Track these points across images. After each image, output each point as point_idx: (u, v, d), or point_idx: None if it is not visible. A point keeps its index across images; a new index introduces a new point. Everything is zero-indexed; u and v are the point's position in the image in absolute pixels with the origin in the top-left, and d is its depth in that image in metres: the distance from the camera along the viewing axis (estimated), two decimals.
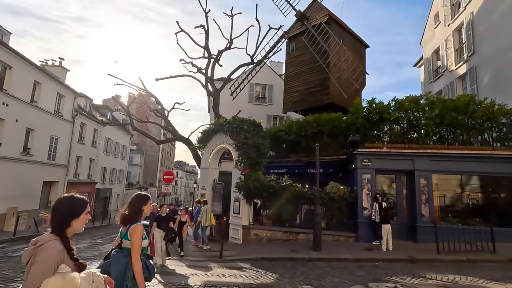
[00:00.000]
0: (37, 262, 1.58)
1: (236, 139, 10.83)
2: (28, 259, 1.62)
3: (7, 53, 14.00)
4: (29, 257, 1.62)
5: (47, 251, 1.62)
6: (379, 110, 10.62)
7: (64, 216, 1.79)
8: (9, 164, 14.57)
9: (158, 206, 9.09)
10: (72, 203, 1.86)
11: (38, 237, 1.71)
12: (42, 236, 1.71)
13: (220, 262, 8.01)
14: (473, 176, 10.06)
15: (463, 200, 10.16)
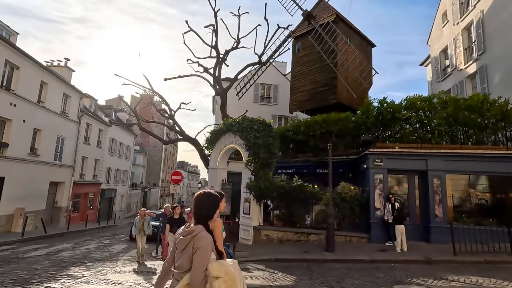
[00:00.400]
0: (200, 249, 1.83)
1: (246, 139, 10.75)
2: (184, 247, 1.90)
3: (15, 53, 13.98)
4: (185, 244, 1.89)
5: (205, 239, 1.87)
6: (391, 109, 10.51)
7: (209, 211, 2.06)
8: (17, 164, 14.54)
9: (170, 207, 8.92)
10: (210, 199, 2.10)
11: (189, 228, 1.97)
12: (194, 227, 1.95)
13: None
14: (487, 176, 9.95)
15: (475, 200, 10.06)
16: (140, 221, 8.30)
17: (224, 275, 1.82)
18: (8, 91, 13.79)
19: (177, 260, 1.94)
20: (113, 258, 8.82)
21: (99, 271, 6.81)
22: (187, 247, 1.89)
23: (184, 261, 1.88)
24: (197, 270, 1.81)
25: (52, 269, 6.89)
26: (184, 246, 1.91)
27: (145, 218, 8.42)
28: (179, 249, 1.95)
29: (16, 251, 9.47)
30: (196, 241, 1.86)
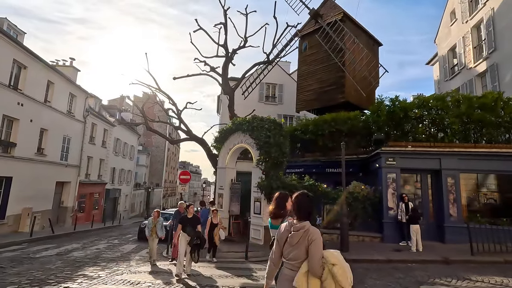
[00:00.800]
0: (315, 240, 2.17)
1: (257, 138, 10.65)
2: (297, 240, 2.20)
3: (22, 53, 13.93)
4: (299, 238, 2.20)
5: (317, 232, 2.23)
6: (403, 108, 10.41)
7: (310, 208, 2.40)
8: (24, 164, 14.50)
9: (184, 205, 8.50)
10: (308, 198, 2.45)
11: (298, 224, 2.27)
12: (303, 223, 2.26)
13: (247, 263, 7.84)
14: (500, 175, 9.84)
15: (484, 200, 9.96)
16: (153, 223, 7.93)
17: (338, 262, 2.15)
18: (15, 90, 13.74)
19: (289, 252, 2.24)
20: (125, 258, 8.74)
21: (114, 271, 6.73)
22: (300, 240, 2.20)
23: (300, 252, 2.19)
24: (315, 258, 2.13)
25: (67, 269, 6.81)
26: (297, 240, 2.21)
27: (158, 220, 8.03)
28: (292, 242, 2.23)
29: (27, 251, 9.40)
30: (309, 235, 2.19)
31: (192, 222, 6.67)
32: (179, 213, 8.35)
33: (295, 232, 2.24)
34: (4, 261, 7.66)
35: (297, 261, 2.19)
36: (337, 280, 2.10)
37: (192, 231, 6.42)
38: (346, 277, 2.13)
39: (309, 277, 2.13)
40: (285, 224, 2.40)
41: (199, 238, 6.48)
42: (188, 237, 6.42)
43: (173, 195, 67.53)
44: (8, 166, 13.45)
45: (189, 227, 6.46)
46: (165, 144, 54.58)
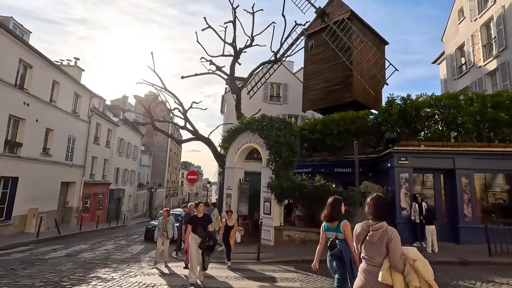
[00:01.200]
0: (394, 239, 2.40)
1: (267, 137, 10.52)
2: (377, 239, 2.44)
3: (28, 52, 13.83)
4: (378, 237, 2.44)
5: (395, 231, 2.48)
6: (416, 106, 10.26)
7: (386, 209, 2.66)
8: (30, 164, 14.40)
9: (194, 205, 7.94)
10: (384, 200, 2.77)
11: (377, 224, 2.52)
12: (381, 223, 2.52)
13: (260, 265, 7.71)
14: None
15: (497, 199, 9.80)
16: (163, 222, 7.65)
17: (419, 257, 2.37)
18: (21, 90, 13.64)
19: (369, 250, 2.48)
20: (135, 259, 8.62)
21: (127, 273, 6.61)
22: (380, 238, 2.44)
23: (380, 249, 2.42)
24: (396, 255, 2.35)
25: (79, 271, 6.70)
26: (377, 238, 2.44)
27: (169, 219, 7.75)
28: (372, 241, 2.47)
29: (35, 252, 9.29)
30: (388, 233, 2.43)
31: (203, 222, 6.02)
32: (189, 214, 7.90)
33: (374, 231, 2.48)
34: (14, 262, 7.55)
35: (378, 258, 2.42)
36: (420, 274, 2.31)
37: (203, 231, 5.85)
38: (428, 270, 2.34)
39: (392, 272, 2.34)
40: (361, 224, 2.67)
41: (211, 239, 5.89)
42: (199, 239, 5.79)
43: (175, 195, 67.49)
44: (14, 166, 13.36)
45: (200, 228, 5.87)
46: (167, 144, 54.52)
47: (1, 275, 6.16)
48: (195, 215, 6.14)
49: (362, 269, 2.54)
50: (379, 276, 2.35)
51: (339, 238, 3.31)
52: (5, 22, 12.96)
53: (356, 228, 2.70)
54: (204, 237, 5.77)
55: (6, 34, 12.25)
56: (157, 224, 7.77)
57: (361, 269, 2.57)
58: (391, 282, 2.31)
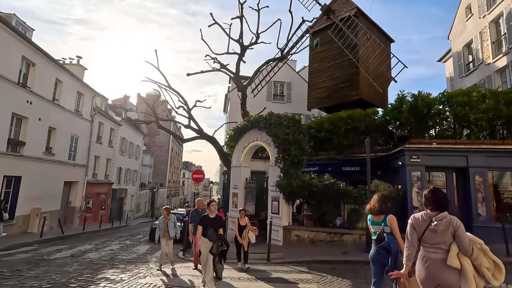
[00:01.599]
0: (460, 226, 2.62)
1: (275, 135, 10.31)
2: (442, 228, 2.61)
3: (31, 50, 13.65)
4: (443, 226, 2.61)
5: (458, 219, 2.66)
6: (427, 103, 10.05)
7: (446, 200, 2.82)
8: (33, 163, 14.21)
9: (204, 202, 7.28)
10: (442, 192, 2.96)
11: (439, 215, 2.67)
12: (443, 214, 2.68)
13: (270, 265, 7.51)
14: None
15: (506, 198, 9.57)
16: (164, 222, 7.05)
17: (482, 241, 2.64)
18: (24, 88, 13.45)
19: (433, 238, 2.67)
20: (142, 260, 8.42)
21: (135, 274, 6.42)
22: (444, 228, 2.62)
23: (446, 237, 2.62)
24: (465, 240, 2.57)
25: (86, 272, 6.50)
26: (442, 227, 2.63)
27: (170, 218, 7.15)
28: (436, 230, 2.64)
29: (40, 253, 9.10)
30: (454, 222, 2.63)
31: (215, 223, 5.17)
32: (196, 212, 7.23)
33: (439, 221, 2.65)
34: (19, 263, 7.36)
35: (443, 245, 2.62)
36: (488, 254, 2.57)
37: (214, 235, 5.04)
38: None
39: (460, 256, 2.54)
40: (419, 215, 2.85)
41: (224, 243, 5.04)
42: (209, 243, 4.98)
43: (176, 195, 67.32)
44: (17, 165, 13.17)
45: (210, 230, 5.06)
46: (168, 144, 54.38)
47: (7, 276, 5.96)
48: (206, 216, 5.33)
49: (422, 256, 2.74)
50: (448, 260, 2.53)
51: (386, 231, 3.60)
52: (8, 19, 12.77)
53: (413, 219, 2.87)
54: (215, 241, 4.98)
55: (9, 31, 12.07)
56: (158, 224, 7.21)
57: (421, 257, 2.75)
58: (459, 266, 2.51)
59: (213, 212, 5.32)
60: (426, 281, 2.66)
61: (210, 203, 5.45)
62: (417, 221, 2.84)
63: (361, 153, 13.13)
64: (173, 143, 59.45)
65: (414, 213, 8.20)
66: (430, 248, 2.68)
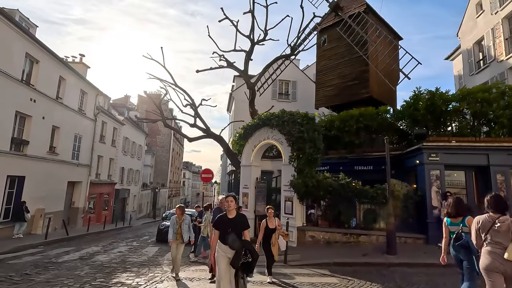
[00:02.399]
0: None
1: (289, 133, 10.02)
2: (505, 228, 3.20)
3: (35, 46, 13.30)
4: (506, 226, 3.20)
5: None
6: (445, 100, 9.77)
7: (506, 204, 3.41)
8: (37, 163, 13.87)
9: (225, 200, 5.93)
10: (501, 197, 3.63)
11: (502, 217, 3.25)
12: (505, 216, 3.25)
13: (289, 268, 7.20)
14: None
15: None
16: (177, 222, 6.14)
17: None
18: (28, 85, 13.11)
19: (496, 237, 3.21)
20: (154, 262, 8.09)
21: (151, 278, 6.10)
22: (507, 228, 3.16)
23: (507, 236, 3.15)
24: None
25: (99, 276, 6.18)
26: (504, 228, 3.17)
27: (184, 219, 6.19)
28: (499, 230, 3.19)
29: (47, 255, 8.76)
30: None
31: (237, 225, 3.97)
32: (219, 210, 5.80)
33: (502, 223, 3.20)
34: (27, 266, 7.03)
35: (504, 242, 3.15)
36: None
37: (237, 241, 3.83)
38: None
39: None
40: (483, 217, 3.38)
41: (249, 253, 3.82)
42: (230, 253, 3.84)
43: (177, 196, 66.91)
44: (21, 165, 12.83)
45: (232, 236, 3.85)
46: (169, 144, 54.03)
47: (16, 282, 5.64)
48: (224, 216, 4.07)
49: (487, 252, 3.25)
50: (505, 255, 3.08)
51: (465, 231, 3.87)
52: (11, 15, 12.42)
53: (478, 220, 3.41)
54: (238, 249, 3.77)
55: (13, 27, 11.73)
56: (171, 225, 6.25)
57: (486, 251, 3.26)
58: None
59: (232, 211, 4.05)
60: (492, 272, 3.18)
61: (227, 197, 4.11)
62: (483, 222, 3.35)
63: (373, 152, 12.87)
64: (174, 143, 59.09)
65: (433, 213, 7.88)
66: (494, 245, 3.20)
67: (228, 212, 4.05)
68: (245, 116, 18.64)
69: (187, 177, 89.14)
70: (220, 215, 4.14)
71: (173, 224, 6.21)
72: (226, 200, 4.09)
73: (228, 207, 4.04)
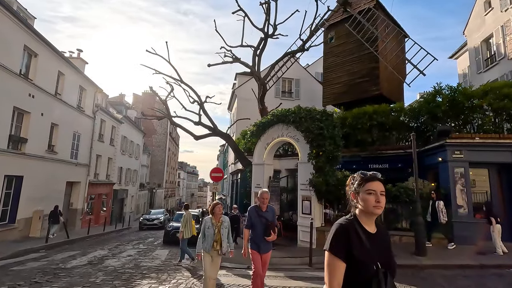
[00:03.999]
0: None
1: (307, 130, 9.61)
2: None
3: (34, 39, 12.59)
4: None
5: None
6: (469, 96, 9.50)
7: None
8: (35, 162, 13.15)
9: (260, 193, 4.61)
10: None
11: None
12: None
13: (317, 271, 6.79)
14: None
15: None
16: (215, 225, 4.48)
17: None
18: (26, 80, 12.39)
19: None
20: (171, 267, 7.57)
21: (176, 285, 5.60)
22: None
23: None
24: None
25: (118, 284, 5.65)
26: None
27: (223, 220, 4.61)
28: None
29: (52, 260, 8.16)
30: None
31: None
32: (254, 210, 4.42)
33: None
34: (34, 273, 6.45)
35: None
36: None
37: None
38: None
39: None
40: None
41: None
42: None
43: (173, 196, 65.94)
44: (19, 164, 12.11)
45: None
46: (165, 143, 53.17)
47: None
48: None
49: None
50: None
51: None
52: (9, 4, 11.70)
53: None
54: None
55: (11, 17, 11.03)
56: (203, 228, 4.53)
57: None
58: None
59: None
60: None
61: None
62: None
63: (388, 150, 12.60)
64: (170, 143, 58.24)
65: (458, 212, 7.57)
66: None
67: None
68: (248, 114, 18.18)
69: (182, 178, 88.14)
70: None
71: (208, 228, 4.48)
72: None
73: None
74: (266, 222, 4.24)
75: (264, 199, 4.35)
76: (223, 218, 4.66)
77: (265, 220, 4.25)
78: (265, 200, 4.35)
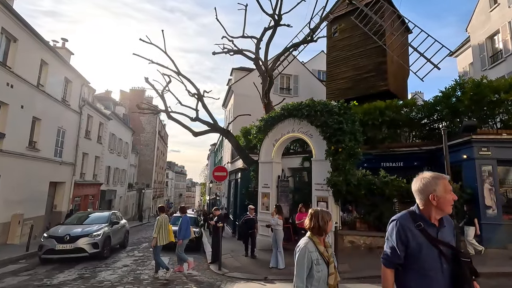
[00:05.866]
0: None
1: (324, 124, 8.78)
2: None
3: (13, 22, 11.19)
4: None
5: None
6: (495, 89, 8.95)
7: None
8: (14, 160, 11.73)
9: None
10: None
11: None
12: None
13: (350, 282, 5.97)
14: None
15: None
16: (325, 256, 2.41)
17: None
18: (4, 67, 10.98)
19: None
20: (178, 281, 6.55)
21: None
22: None
23: None
24: None
25: None
26: None
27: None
28: None
29: (34, 274, 6.97)
30: None
31: None
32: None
33: None
34: None
35: None
36: None
37: None
38: None
39: None
40: None
41: None
42: None
43: (161, 196, 63.99)
44: None
45: None
46: (154, 142, 51.40)
47: None
48: None
49: None
50: None
51: None
52: None
53: None
54: None
55: None
56: (303, 264, 2.37)
57: None
58: None
59: None
60: None
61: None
62: None
63: (401, 147, 11.98)
64: (159, 141, 56.42)
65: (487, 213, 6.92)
66: None
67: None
68: (246, 111, 17.20)
69: (170, 177, 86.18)
70: None
71: (315, 263, 2.40)
72: None
73: None
74: None
75: None
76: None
77: None
78: None
